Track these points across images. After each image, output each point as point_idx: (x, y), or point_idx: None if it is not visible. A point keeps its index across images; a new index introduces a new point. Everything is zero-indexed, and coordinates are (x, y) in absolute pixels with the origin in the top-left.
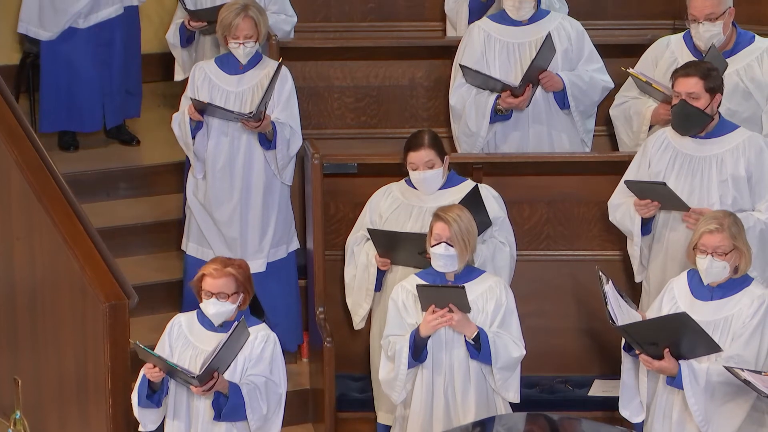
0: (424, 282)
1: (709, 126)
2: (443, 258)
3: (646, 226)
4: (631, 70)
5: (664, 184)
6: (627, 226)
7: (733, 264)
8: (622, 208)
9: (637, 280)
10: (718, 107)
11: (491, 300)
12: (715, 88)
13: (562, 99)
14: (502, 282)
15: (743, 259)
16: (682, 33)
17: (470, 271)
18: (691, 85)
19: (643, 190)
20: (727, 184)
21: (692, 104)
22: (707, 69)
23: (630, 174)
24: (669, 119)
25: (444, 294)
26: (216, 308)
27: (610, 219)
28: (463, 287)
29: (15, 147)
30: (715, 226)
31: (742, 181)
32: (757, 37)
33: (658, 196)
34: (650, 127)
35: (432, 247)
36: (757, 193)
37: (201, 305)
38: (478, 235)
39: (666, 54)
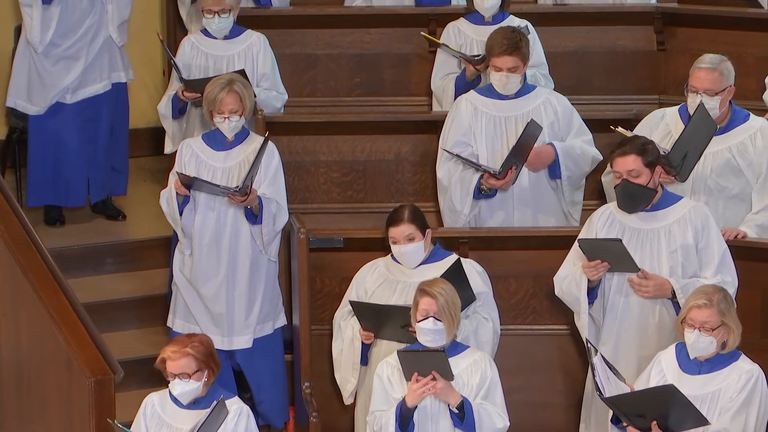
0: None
1: (654, 198)
2: (431, 333)
3: (593, 292)
4: (620, 129)
5: (620, 241)
6: (573, 294)
7: (721, 340)
8: (569, 278)
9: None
10: (659, 179)
11: (476, 374)
12: (653, 161)
13: (554, 169)
14: (486, 357)
15: (731, 335)
16: (678, 106)
17: (454, 346)
18: (630, 162)
19: (595, 248)
20: (677, 254)
21: (634, 182)
22: (642, 144)
23: (575, 251)
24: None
25: (425, 359)
26: (180, 388)
27: (556, 293)
28: (444, 351)
29: (1, 222)
30: (703, 301)
31: (691, 249)
32: (751, 115)
33: (609, 255)
34: None
35: (419, 322)
36: (703, 259)
37: (169, 385)
38: (462, 310)
39: (660, 126)
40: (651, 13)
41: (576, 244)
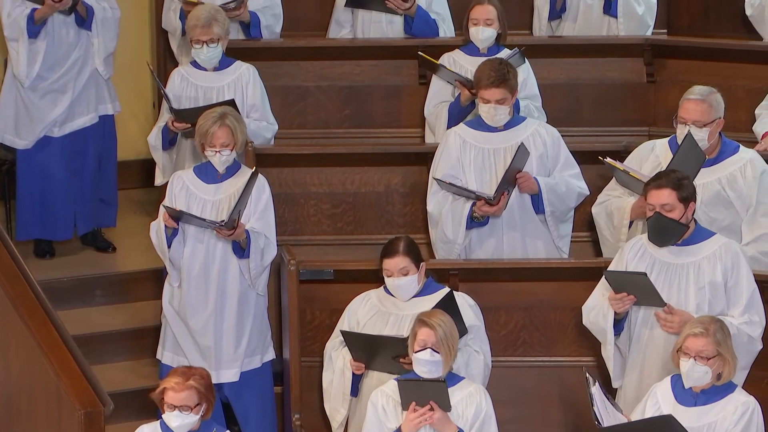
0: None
1: (685, 233)
2: (429, 364)
3: (619, 324)
4: (609, 160)
5: (645, 275)
6: (600, 324)
7: (716, 370)
8: (596, 309)
9: (615, 385)
10: (692, 215)
11: (471, 406)
12: (688, 197)
13: (537, 203)
14: (482, 389)
15: (727, 366)
16: (668, 138)
17: (451, 377)
18: (665, 197)
19: (621, 281)
20: (705, 291)
21: (667, 216)
22: (678, 179)
23: (604, 283)
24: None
25: (424, 389)
26: (179, 421)
27: (583, 322)
28: (444, 381)
29: None
30: (700, 330)
31: (720, 287)
32: (741, 147)
33: (635, 289)
34: (630, 223)
35: (416, 352)
36: (732, 298)
37: (164, 416)
38: None
39: (650, 157)
40: (641, 45)
41: (603, 275)
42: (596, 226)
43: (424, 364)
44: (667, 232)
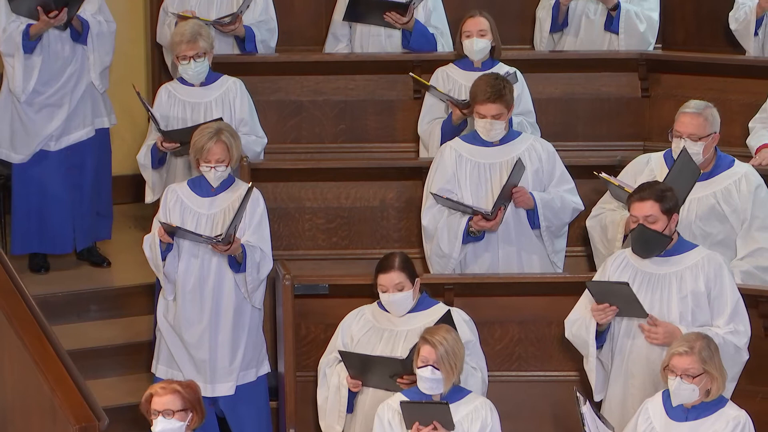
0: (408, 399)
1: (669, 245)
2: (429, 381)
3: (601, 336)
4: (603, 175)
5: (627, 284)
6: (582, 337)
7: (704, 388)
8: (578, 322)
9: (597, 398)
10: (675, 226)
11: (476, 421)
12: (671, 209)
13: (533, 218)
14: (488, 403)
15: (715, 383)
16: (663, 151)
17: (457, 391)
18: (648, 208)
19: (603, 291)
20: (687, 300)
21: (650, 228)
22: (662, 191)
23: (587, 295)
24: None
25: (428, 410)
26: (162, 426)
27: (566, 336)
28: (447, 404)
29: None
30: (685, 348)
31: (702, 296)
32: (736, 161)
33: (617, 299)
34: (625, 236)
35: (418, 369)
36: (716, 308)
37: (151, 428)
38: None
39: (645, 171)
40: (635, 59)
41: (586, 287)
42: (590, 240)
43: (425, 380)
44: (650, 243)
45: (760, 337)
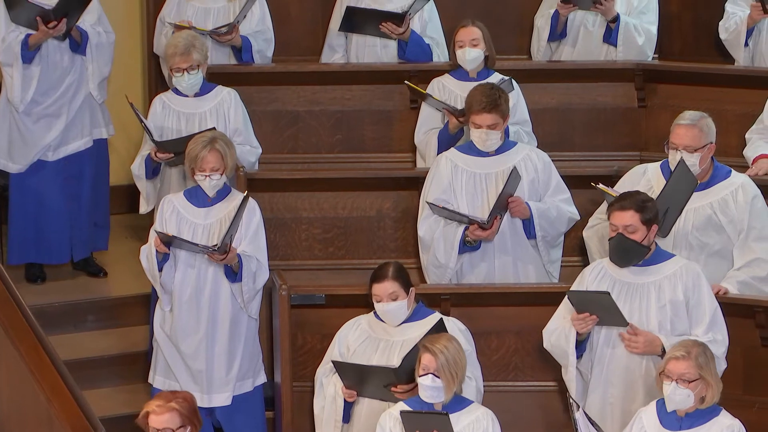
0: (409, 408)
1: (646, 255)
2: (430, 389)
3: (581, 345)
4: (600, 186)
5: (608, 294)
6: (562, 346)
7: (699, 394)
8: (558, 331)
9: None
10: (654, 237)
11: (478, 431)
12: (651, 219)
13: (529, 228)
14: (489, 413)
15: (710, 390)
16: (660, 162)
17: (459, 401)
18: (627, 218)
19: (583, 301)
20: (666, 309)
21: (629, 237)
22: (642, 201)
23: (565, 305)
24: None
25: (428, 420)
26: None
27: (544, 345)
28: (447, 414)
29: None
30: (681, 353)
31: (681, 305)
32: (733, 171)
33: (598, 308)
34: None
35: (419, 377)
36: (695, 317)
37: None
38: None
39: (642, 181)
40: (632, 69)
41: (566, 297)
42: (587, 250)
43: (426, 389)
44: (628, 253)
45: (756, 347)
